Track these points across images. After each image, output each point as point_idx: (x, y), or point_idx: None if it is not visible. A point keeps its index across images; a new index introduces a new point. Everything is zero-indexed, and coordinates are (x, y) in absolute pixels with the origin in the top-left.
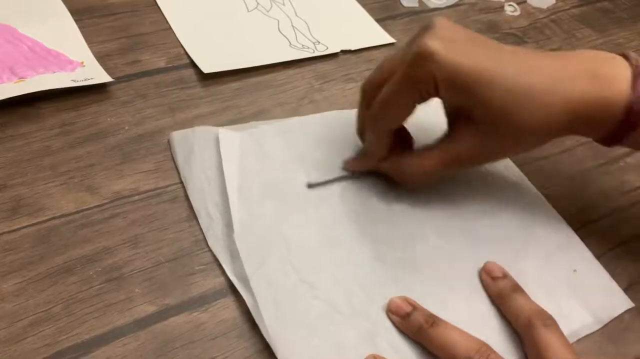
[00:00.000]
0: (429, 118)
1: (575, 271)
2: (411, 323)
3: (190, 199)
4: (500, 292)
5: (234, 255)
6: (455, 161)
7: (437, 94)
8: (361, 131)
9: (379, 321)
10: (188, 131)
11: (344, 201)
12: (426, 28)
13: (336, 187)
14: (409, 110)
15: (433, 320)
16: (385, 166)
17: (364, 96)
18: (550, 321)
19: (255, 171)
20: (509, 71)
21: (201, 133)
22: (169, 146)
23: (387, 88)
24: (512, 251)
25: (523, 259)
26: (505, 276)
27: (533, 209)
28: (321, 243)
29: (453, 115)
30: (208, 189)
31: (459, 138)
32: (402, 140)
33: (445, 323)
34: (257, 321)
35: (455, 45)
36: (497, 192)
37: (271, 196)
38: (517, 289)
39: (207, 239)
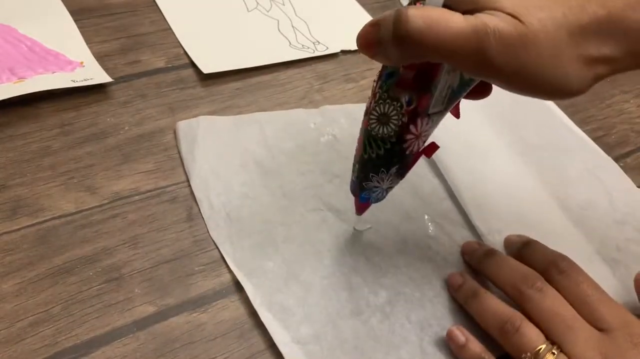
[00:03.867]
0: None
1: None
2: (461, 293)
3: (193, 188)
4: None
5: (235, 244)
6: None
7: None
8: None
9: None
10: (192, 120)
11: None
12: None
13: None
14: None
15: (475, 290)
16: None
17: None
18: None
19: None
20: None
21: (205, 123)
22: (169, 144)
23: None
24: None
25: None
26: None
27: None
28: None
29: None
30: (211, 179)
31: None
32: None
33: (485, 292)
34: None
35: None
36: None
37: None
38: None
39: (208, 228)
